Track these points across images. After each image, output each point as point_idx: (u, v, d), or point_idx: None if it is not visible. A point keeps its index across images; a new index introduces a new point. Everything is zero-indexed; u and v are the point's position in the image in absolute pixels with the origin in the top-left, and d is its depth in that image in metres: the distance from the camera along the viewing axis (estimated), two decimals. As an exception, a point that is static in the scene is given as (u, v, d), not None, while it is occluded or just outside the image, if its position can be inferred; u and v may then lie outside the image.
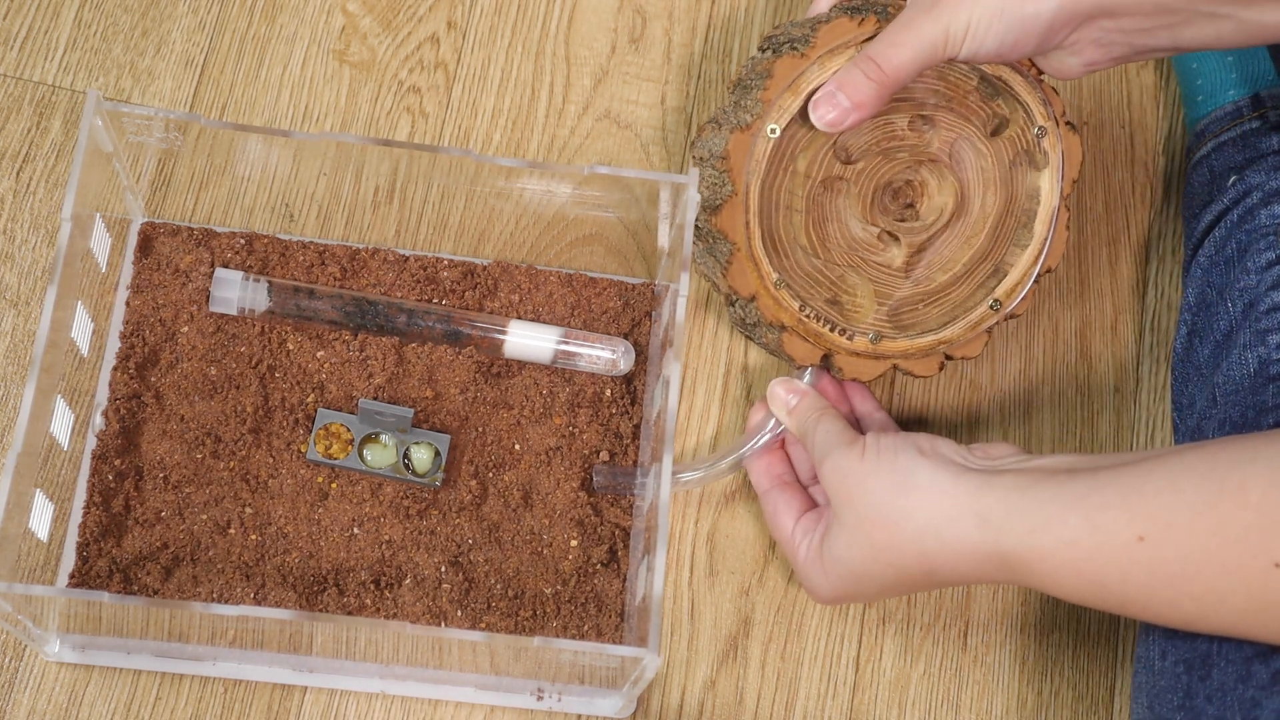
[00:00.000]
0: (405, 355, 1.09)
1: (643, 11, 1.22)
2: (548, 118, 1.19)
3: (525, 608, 1.05)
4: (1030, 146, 1.08)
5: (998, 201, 1.08)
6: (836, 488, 0.98)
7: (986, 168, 1.08)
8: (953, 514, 0.93)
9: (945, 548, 0.93)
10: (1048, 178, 1.08)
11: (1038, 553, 0.91)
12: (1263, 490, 0.85)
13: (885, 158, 1.07)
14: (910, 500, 0.94)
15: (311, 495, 1.06)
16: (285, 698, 1.04)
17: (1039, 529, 0.91)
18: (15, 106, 1.15)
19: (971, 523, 0.92)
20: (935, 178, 1.08)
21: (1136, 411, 1.16)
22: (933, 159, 1.07)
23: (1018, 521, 0.91)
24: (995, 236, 1.08)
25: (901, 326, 1.08)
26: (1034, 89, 1.07)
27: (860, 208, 1.07)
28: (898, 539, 0.95)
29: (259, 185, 1.12)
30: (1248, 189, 1.10)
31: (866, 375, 1.07)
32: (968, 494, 0.93)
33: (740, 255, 1.05)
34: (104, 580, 1.03)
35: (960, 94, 1.07)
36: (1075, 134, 1.08)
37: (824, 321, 1.06)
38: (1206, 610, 0.88)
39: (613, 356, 1.10)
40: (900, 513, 0.95)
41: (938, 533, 0.93)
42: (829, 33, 1.03)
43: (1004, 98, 1.07)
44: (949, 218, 1.08)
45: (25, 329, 1.10)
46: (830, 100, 1.02)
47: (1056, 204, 1.08)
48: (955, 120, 1.07)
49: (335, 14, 1.20)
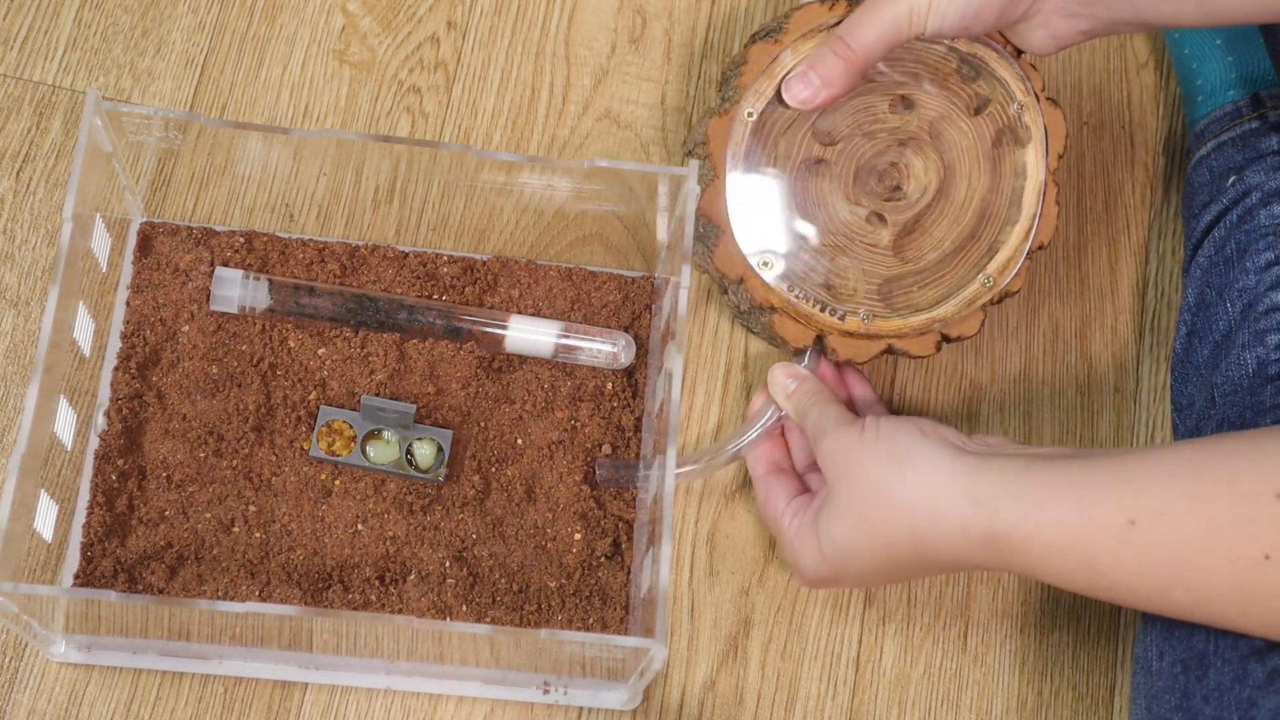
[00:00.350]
0: (406, 351, 1.09)
1: (643, 11, 1.22)
2: (548, 118, 1.19)
3: (530, 602, 1.05)
4: (1012, 123, 1.09)
5: (983, 180, 1.09)
6: (834, 464, 0.98)
7: (969, 145, 1.09)
8: (948, 493, 0.93)
9: (938, 527, 0.93)
10: (1032, 153, 1.09)
11: (1028, 532, 0.91)
12: (1254, 482, 0.85)
13: (867, 138, 1.09)
14: (906, 477, 0.95)
15: (315, 492, 1.06)
16: (286, 697, 1.04)
17: (1031, 510, 0.91)
18: (15, 106, 1.15)
19: (965, 502, 0.93)
20: (919, 158, 1.09)
21: (1136, 411, 1.16)
22: (914, 137, 1.09)
23: (1011, 502, 0.92)
24: (984, 215, 1.09)
25: (894, 306, 1.08)
26: (1011, 65, 1.09)
27: (844, 189, 1.08)
28: (891, 515, 0.95)
29: (259, 185, 1.12)
30: (1247, 189, 1.10)
31: (861, 356, 1.07)
32: (963, 474, 0.93)
33: (726, 238, 1.07)
34: (108, 580, 1.03)
35: (941, 76, 1.09)
36: (1056, 108, 1.09)
37: (814, 303, 1.07)
38: (1197, 600, 0.88)
39: (614, 350, 1.10)
40: (895, 490, 0.95)
41: (932, 510, 0.93)
42: (800, 18, 1.07)
43: (984, 78, 1.09)
44: (934, 195, 1.09)
45: (25, 329, 1.10)
46: (803, 79, 1.05)
47: (1043, 179, 1.09)
48: (937, 102, 1.09)
49: (335, 14, 1.20)
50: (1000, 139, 1.09)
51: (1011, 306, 1.17)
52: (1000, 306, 1.17)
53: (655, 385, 1.08)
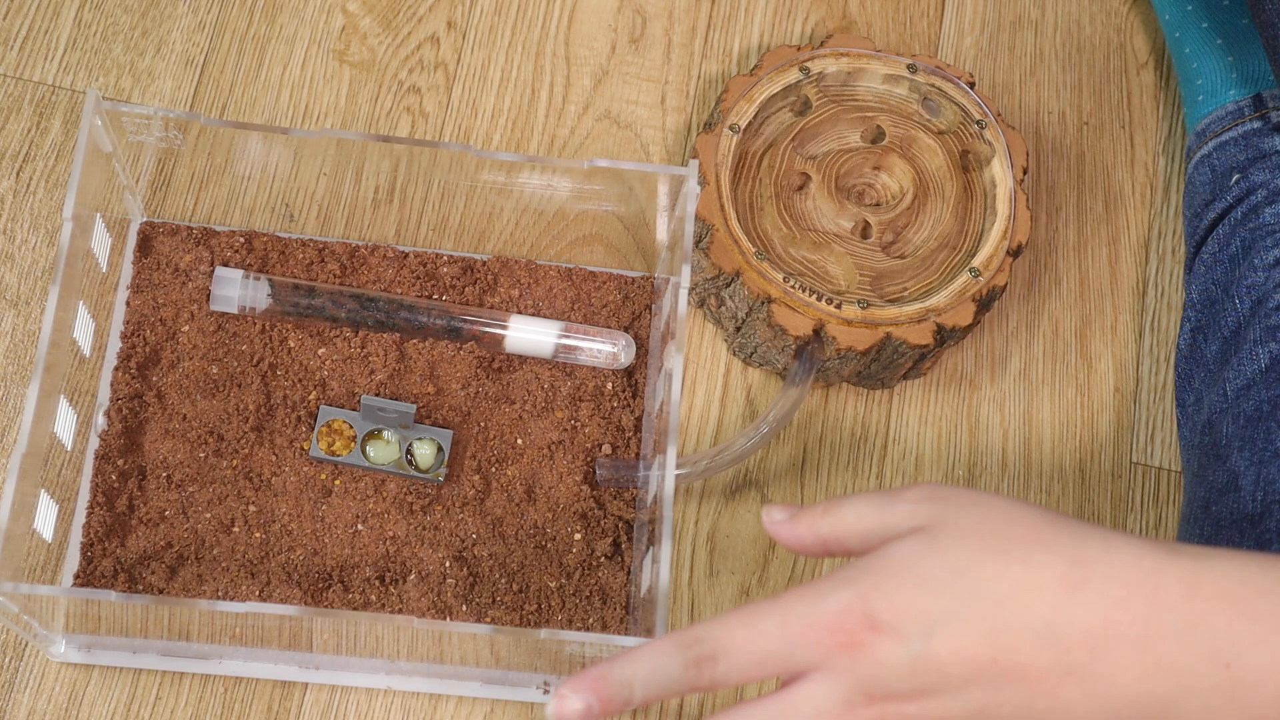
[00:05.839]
0: (406, 351, 1.09)
1: (643, 11, 1.22)
2: (548, 118, 1.19)
3: (530, 602, 1.05)
4: (975, 139, 1.15)
5: (955, 186, 1.14)
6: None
7: (939, 160, 1.15)
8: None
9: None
10: (999, 164, 1.14)
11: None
12: None
13: (842, 162, 1.14)
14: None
15: (315, 492, 1.06)
16: (286, 697, 1.04)
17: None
18: (15, 106, 1.15)
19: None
20: (892, 176, 1.15)
21: (1137, 411, 1.16)
22: (885, 156, 1.14)
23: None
24: (963, 217, 1.14)
25: (886, 296, 1.11)
26: (968, 93, 1.15)
27: (829, 197, 1.13)
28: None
29: (259, 185, 1.12)
30: (1251, 187, 1.10)
31: (861, 344, 1.08)
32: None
33: (720, 235, 1.09)
34: (109, 580, 1.03)
35: (905, 115, 1.16)
36: (1015, 131, 1.15)
37: (809, 292, 1.08)
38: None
39: (614, 350, 1.10)
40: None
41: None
42: (772, 57, 1.15)
43: (944, 110, 1.15)
44: (913, 199, 1.13)
45: (25, 329, 1.10)
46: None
47: (1012, 185, 1.13)
48: (905, 123, 1.16)
49: (335, 14, 1.20)
50: (966, 154, 1.15)
51: (1011, 306, 1.17)
52: (1000, 306, 1.17)
53: (655, 385, 1.08)
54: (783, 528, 0.82)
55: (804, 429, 1.13)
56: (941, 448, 1.14)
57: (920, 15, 1.25)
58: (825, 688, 0.76)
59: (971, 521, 0.77)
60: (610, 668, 0.78)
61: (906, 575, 0.76)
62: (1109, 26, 1.26)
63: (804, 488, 1.12)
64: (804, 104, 1.15)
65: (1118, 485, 1.14)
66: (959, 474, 1.14)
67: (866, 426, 1.14)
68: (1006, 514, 0.77)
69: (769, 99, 1.14)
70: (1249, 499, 1.00)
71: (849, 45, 1.16)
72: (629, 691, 0.77)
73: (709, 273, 1.10)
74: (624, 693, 0.77)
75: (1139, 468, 1.15)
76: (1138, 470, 1.15)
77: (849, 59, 1.16)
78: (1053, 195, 1.21)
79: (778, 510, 0.83)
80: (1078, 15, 1.26)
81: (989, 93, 1.22)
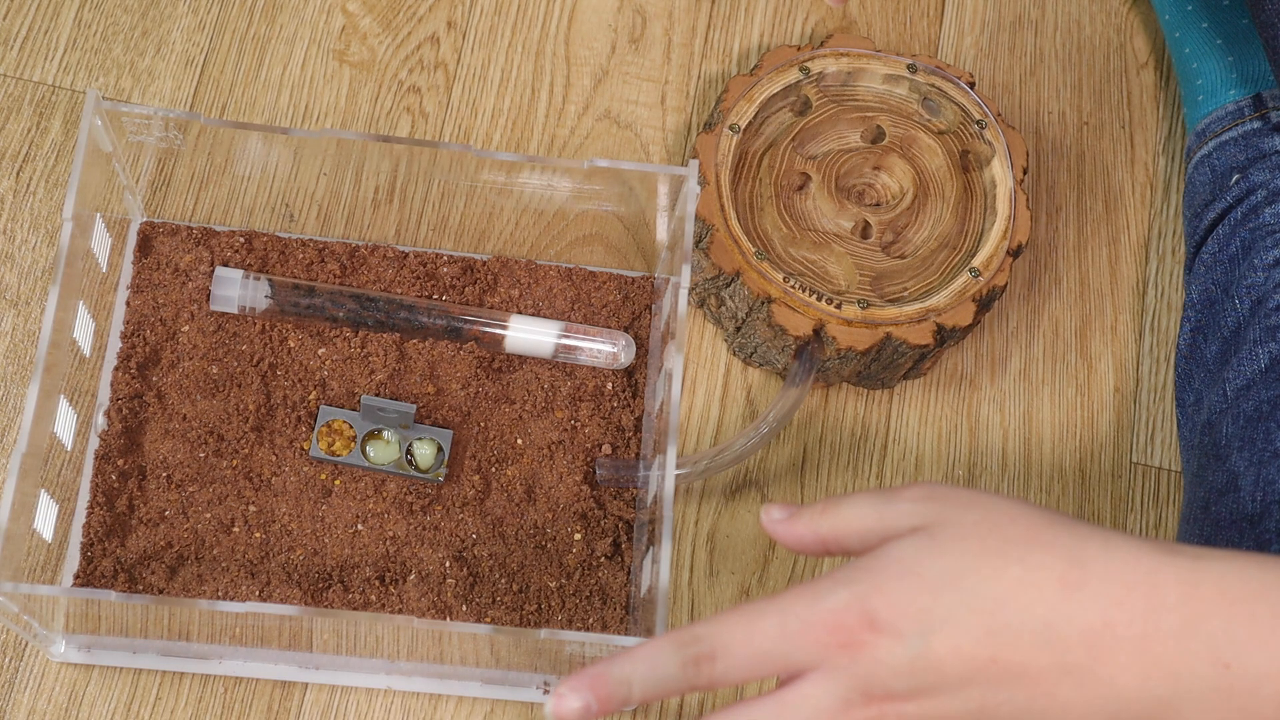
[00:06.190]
0: (406, 351, 1.09)
1: (643, 11, 1.22)
2: (548, 118, 1.19)
3: (530, 602, 1.05)
4: (975, 138, 1.15)
5: (956, 186, 1.14)
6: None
7: (939, 159, 1.14)
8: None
9: None
10: (999, 164, 1.14)
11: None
12: None
13: (842, 161, 1.14)
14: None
15: (315, 492, 1.06)
16: (285, 697, 1.04)
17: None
18: (15, 106, 1.15)
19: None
20: (892, 175, 1.14)
21: (1137, 411, 1.16)
22: (885, 156, 1.14)
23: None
24: (963, 217, 1.14)
25: (886, 296, 1.11)
26: (968, 93, 1.15)
27: (829, 198, 1.13)
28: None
29: (259, 185, 1.12)
30: (1251, 187, 1.10)
31: (861, 344, 1.08)
32: None
33: (719, 235, 1.09)
34: (109, 580, 1.03)
35: (905, 115, 1.16)
36: (1015, 131, 1.15)
37: (810, 292, 1.09)
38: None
39: (614, 350, 1.10)
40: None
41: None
42: (772, 57, 1.15)
43: (944, 110, 1.15)
44: (913, 199, 1.13)
45: (25, 329, 1.10)
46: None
47: (1012, 186, 1.13)
48: (905, 123, 1.15)
49: (335, 14, 1.20)
50: (966, 154, 1.15)
51: (1011, 306, 1.17)
52: (1000, 306, 1.17)
53: (655, 385, 1.08)
54: (782, 527, 0.82)
55: (804, 429, 1.13)
56: (941, 448, 1.14)
57: (920, 15, 1.25)
58: (824, 687, 0.76)
59: (971, 521, 0.77)
60: (609, 667, 0.78)
61: (905, 575, 0.76)
62: (1109, 26, 1.26)
63: (804, 488, 1.12)
64: (804, 104, 1.15)
65: (1118, 485, 1.14)
66: (959, 474, 1.14)
67: (866, 426, 1.14)
68: (1006, 514, 0.77)
69: (769, 99, 1.14)
70: (1249, 499, 1.00)
71: (849, 45, 1.16)
72: (627, 690, 0.78)
73: (709, 273, 1.10)
74: (622, 691, 0.78)
75: (1139, 468, 1.15)
76: (1138, 470, 1.15)
77: (849, 59, 1.16)
78: (1053, 195, 1.21)
79: (777, 509, 0.83)
80: (1078, 15, 1.26)
81: (989, 93, 1.23)
